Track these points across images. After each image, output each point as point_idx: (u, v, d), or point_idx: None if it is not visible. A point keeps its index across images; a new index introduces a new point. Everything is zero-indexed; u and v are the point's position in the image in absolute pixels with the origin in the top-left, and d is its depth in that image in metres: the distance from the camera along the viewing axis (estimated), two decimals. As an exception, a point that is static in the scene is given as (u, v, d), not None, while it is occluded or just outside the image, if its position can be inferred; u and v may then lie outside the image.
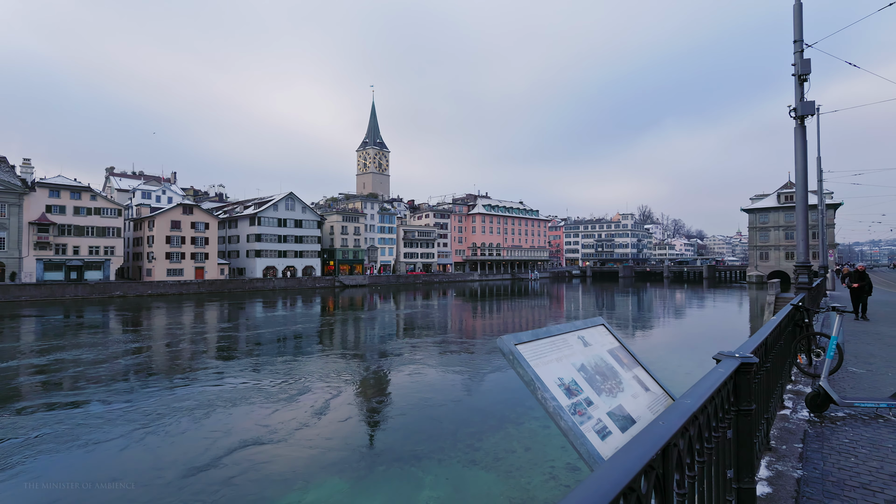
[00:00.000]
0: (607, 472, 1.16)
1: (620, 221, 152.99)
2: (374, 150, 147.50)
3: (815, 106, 9.93)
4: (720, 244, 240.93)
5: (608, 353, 2.62)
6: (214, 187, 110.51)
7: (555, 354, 2.25)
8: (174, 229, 67.35)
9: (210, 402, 15.31)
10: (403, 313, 43.42)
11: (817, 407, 4.75)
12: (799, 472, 3.35)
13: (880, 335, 10.95)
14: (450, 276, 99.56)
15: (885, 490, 3.11)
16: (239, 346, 26.02)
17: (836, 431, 4.30)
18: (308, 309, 47.67)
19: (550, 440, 11.91)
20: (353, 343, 28.21)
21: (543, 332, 2.35)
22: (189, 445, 12.08)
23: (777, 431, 4.21)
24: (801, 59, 10.05)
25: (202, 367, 20.56)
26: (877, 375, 6.77)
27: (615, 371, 2.49)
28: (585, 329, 2.70)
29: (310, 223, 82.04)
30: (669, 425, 1.52)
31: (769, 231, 75.73)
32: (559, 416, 1.89)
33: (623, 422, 2.12)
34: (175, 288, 63.62)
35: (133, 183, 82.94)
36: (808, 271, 10.01)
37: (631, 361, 2.72)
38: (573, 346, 2.44)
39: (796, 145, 10.11)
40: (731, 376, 2.43)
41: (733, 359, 2.56)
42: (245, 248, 77.23)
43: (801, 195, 10.34)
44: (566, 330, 2.52)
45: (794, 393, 5.71)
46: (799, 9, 10.29)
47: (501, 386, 17.27)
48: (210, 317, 41.15)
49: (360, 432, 13.19)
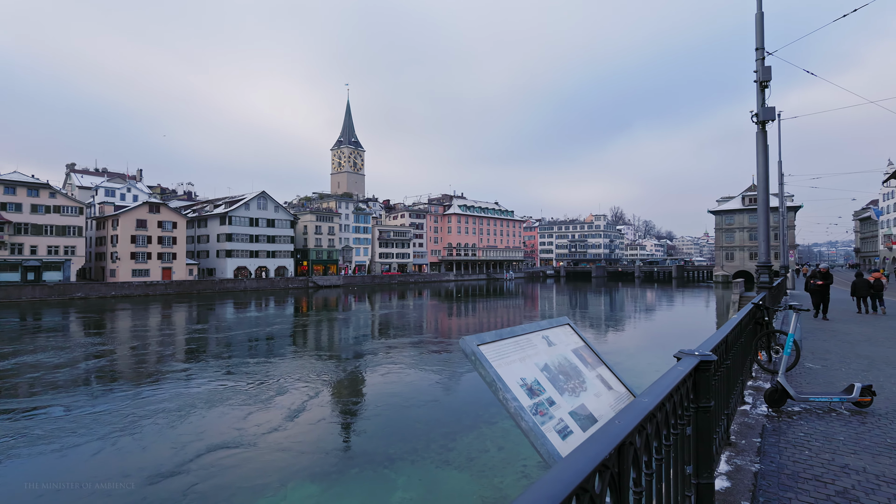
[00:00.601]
0: (560, 472, 1.15)
1: (593, 222, 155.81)
2: (349, 148, 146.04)
3: (775, 112, 10.30)
4: (688, 245, 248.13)
5: (572, 352, 2.64)
6: (183, 185, 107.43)
7: (518, 354, 2.25)
8: (140, 228, 65.09)
9: (177, 407, 14.84)
10: (378, 314, 43.11)
11: (775, 402, 4.92)
12: (756, 466, 3.45)
13: (835, 332, 11.45)
14: (425, 277, 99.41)
15: (835, 482, 3.24)
16: (209, 349, 25.33)
17: (792, 425, 4.46)
18: (281, 310, 46.80)
19: (523, 439, 12.02)
20: (326, 344, 27.84)
21: (507, 332, 2.35)
22: (154, 451, 11.67)
23: (737, 426, 4.34)
24: (763, 66, 10.41)
25: (169, 371, 19.93)
26: (831, 371, 7.07)
27: (579, 370, 2.50)
28: (550, 329, 2.71)
29: (283, 223, 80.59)
30: (625, 424, 1.53)
31: (734, 232, 78.40)
32: (520, 417, 1.88)
33: (585, 421, 2.14)
34: (141, 289, 61.50)
35: (96, 180, 79.75)
36: (769, 271, 10.37)
37: (595, 361, 2.75)
38: (537, 346, 2.44)
39: (758, 149, 10.48)
40: (691, 374, 2.48)
41: (693, 357, 2.61)
42: (215, 248, 75.29)
43: (762, 197, 10.71)
44: (531, 330, 2.53)
45: (755, 389, 5.90)
46: (760, 18, 10.66)
47: (476, 386, 17.33)
48: (178, 318, 39.94)
49: (332, 435, 13.02)
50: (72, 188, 78.18)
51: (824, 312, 14.51)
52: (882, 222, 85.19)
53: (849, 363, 7.60)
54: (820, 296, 14.72)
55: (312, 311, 46.34)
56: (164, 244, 67.17)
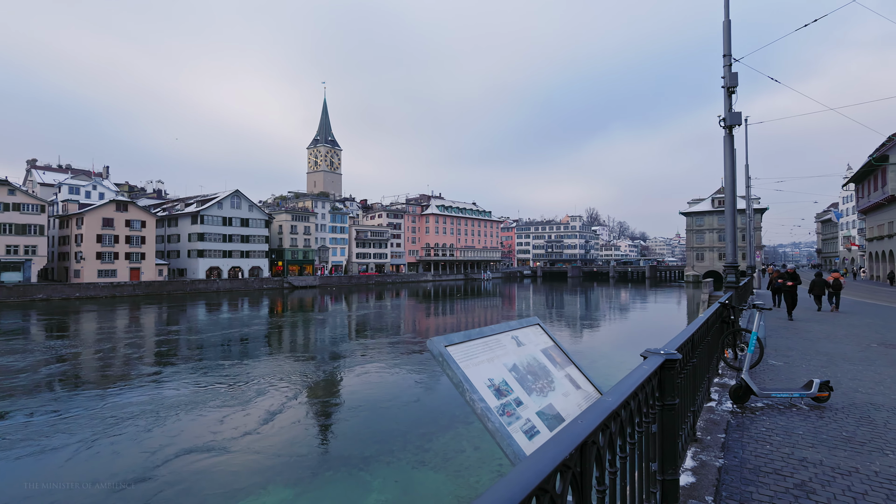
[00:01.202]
0: (519, 473, 1.15)
1: (569, 223, 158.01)
2: (326, 147, 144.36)
3: (742, 117, 10.65)
4: (661, 245, 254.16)
5: (541, 352, 2.66)
6: (153, 183, 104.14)
7: (486, 355, 2.25)
8: (106, 227, 62.85)
9: (148, 411, 14.38)
10: (355, 315, 42.73)
11: (740, 398, 5.07)
12: (720, 461, 3.55)
13: (798, 329, 11.90)
14: (403, 277, 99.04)
15: (794, 475, 3.36)
16: (180, 351, 24.64)
17: (755, 421, 4.60)
18: (255, 311, 45.91)
19: (499, 438, 12.10)
20: (302, 346, 27.44)
21: (477, 332, 2.35)
22: (121, 457, 11.28)
23: (703, 423, 4.45)
24: (730, 72, 10.74)
25: (139, 375, 19.30)
26: (793, 367, 7.33)
27: (547, 370, 2.52)
28: (520, 329, 2.72)
29: (257, 222, 79.06)
30: (588, 423, 1.54)
31: (704, 233, 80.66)
32: (487, 418, 1.88)
33: (552, 421, 2.15)
34: (107, 290, 59.39)
35: (59, 177, 76.61)
36: (736, 271, 10.70)
37: (564, 360, 2.78)
38: (506, 346, 2.45)
39: (725, 153, 10.80)
40: (656, 372, 2.53)
41: (658, 356, 2.66)
42: (187, 248, 73.31)
43: (729, 199, 11.05)
44: (500, 330, 2.53)
45: (721, 386, 6.07)
46: (728, 26, 11.00)
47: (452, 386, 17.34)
48: (147, 320, 38.74)
49: (307, 437, 12.83)
50: (33, 185, 74.95)
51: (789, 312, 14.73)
52: (842, 224, 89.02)
53: (809, 360, 7.90)
54: (790, 296, 14.81)
55: (288, 311, 45.61)
56: (132, 244, 65.03)
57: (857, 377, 6.57)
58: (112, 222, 63.42)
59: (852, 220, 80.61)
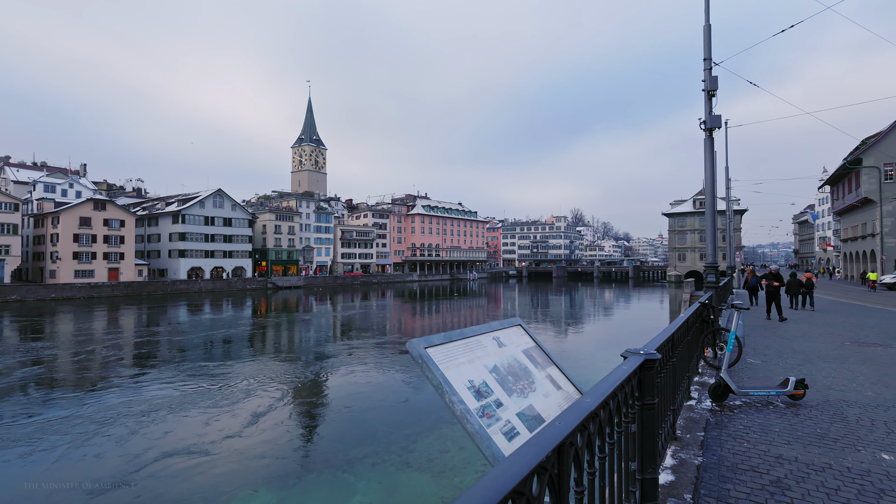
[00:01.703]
0: (495, 476, 1.14)
1: (554, 224, 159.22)
2: (311, 146, 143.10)
3: (721, 119, 10.85)
4: (644, 246, 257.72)
5: (523, 353, 2.66)
6: (132, 182, 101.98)
7: (467, 356, 2.24)
8: (83, 226, 61.35)
9: (127, 414, 14.07)
10: (340, 315, 42.43)
11: (718, 397, 5.15)
12: (699, 460, 3.60)
13: (775, 328, 12.16)
14: (389, 277, 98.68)
15: (770, 472, 3.42)
16: (160, 353, 24.16)
17: (733, 419, 4.68)
18: (238, 312, 45.27)
19: (484, 438, 12.11)
20: (286, 346, 27.13)
21: (457, 333, 2.34)
22: (100, 461, 11.01)
23: (683, 421, 4.51)
24: (710, 75, 10.93)
25: (117, 377, 18.87)
26: (770, 365, 7.49)
27: (528, 371, 2.52)
28: (501, 330, 2.72)
29: (240, 222, 77.96)
30: (566, 424, 1.54)
31: (686, 234, 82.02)
32: (466, 420, 1.87)
33: (532, 422, 2.15)
34: (84, 291, 57.97)
35: (34, 175, 74.55)
36: (716, 271, 10.89)
37: (545, 361, 2.78)
38: (487, 347, 2.45)
39: (706, 155, 10.99)
40: (636, 372, 2.55)
41: (638, 356, 2.68)
42: (167, 248, 71.96)
43: (709, 201, 11.24)
44: (481, 331, 2.52)
45: (700, 384, 6.17)
46: (708, 30, 11.19)
47: (437, 386, 17.31)
48: (126, 322, 37.92)
49: (291, 440, 12.68)
50: (6, 183, 72.83)
51: (779, 312, 14.17)
52: (818, 225, 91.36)
53: (786, 358, 8.08)
54: (774, 297, 14.52)
55: (272, 312, 45.07)
56: (110, 243, 63.57)
57: (832, 375, 6.73)
58: (89, 221, 61.93)
59: (828, 221, 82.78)
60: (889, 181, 40.64)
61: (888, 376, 6.61)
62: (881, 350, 8.82)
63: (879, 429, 4.38)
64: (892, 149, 39.97)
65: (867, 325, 12.69)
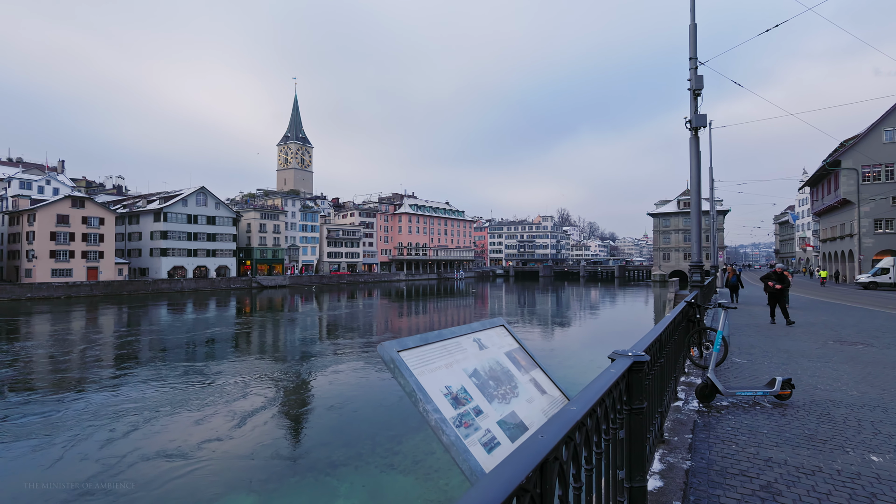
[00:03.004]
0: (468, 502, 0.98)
1: (541, 223, 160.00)
2: (297, 144, 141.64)
3: (707, 119, 10.85)
4: (630, 245, 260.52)
5: (505, 355, 2.51)
6: (112, 179, 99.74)
7: (444, 360, 2.08)
8: (61, 224, 59.79)
9: (105, 416, 13.62)
10: (326, 315, 41.98)
11: (705, 397, 5.07)
12: (688, 464, 3.49)
13: (759, 327, 12.23)
14: (375, 276, 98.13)
15: (760, 476, 3.32)
16: (140, 354, 23.58)
17: (721, 420, 4.60)
18: (221, 311, 44.52)
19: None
20: (271, 347, 26.70)
21: (435, 335, 2.17)
22: (77, 465, 10.62)
23: (670, 423, 4.41)
24: (696, 75, 10.93)
25: (95, 379, 18.33)
26: (755, 364, 7.47)
27: (511, 375, 2.37)
28: (483, 331, 2.56)
29: (224, 220, 76.76)
30: (550, 437, 1.39)
31: (670, 234, 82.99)
32: (441, 430, 1.71)
33: (514, 430, 2.00)
34: (62, 290, 56.51)
35: (8, 171, 72.48)
36: (701, 270, 10.89)
37: (529, 363, 2.64)
38: (467, 349, 2.29)
39: (691, 154, 10.99)
40: (624, 375, 2.41)
41: (626, 358, 2.55)
42: (149, 247, 70.55)
43: (695, 200, 11.25)
44: (460, 333, 2.36)
45: (687, 384, 6.10)
46: (694, 29, 11.19)
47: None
48: (105, 322, 37.01)
49: (273, 442, 12.39)
50: (-20, 179, 70.73)
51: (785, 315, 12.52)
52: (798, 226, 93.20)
53: (771, 357, 8.08)
54: (776, 300, 12.81)
55: (256, 312, 44.42)
56: (89, 242, 62.07)
57: (816, 374, 6.72)
58: (67, 219, 60.39)
59: (807, 221, 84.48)
60: (867, 183, 41.53)
61: (871, 375, 6.62)
62: (863, 349, 8.88)
63: (867, 429, 4.33)
64: (869, 151, 40.86)
65: (847, 324, 12.85)
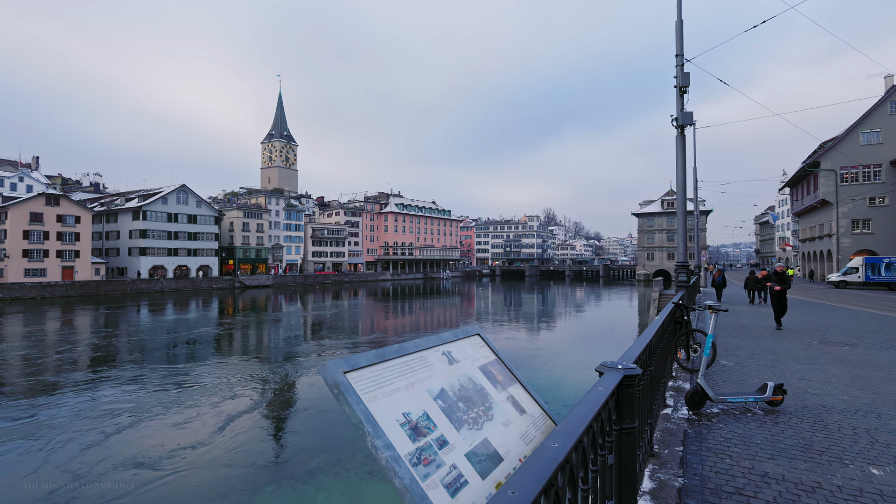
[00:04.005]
0: None
1: (527, 223, 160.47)
2: (281, 142, 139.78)
3: (693, 117, 10.71)
4: (614, 245, 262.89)
5: (479, 370, 2.20)
6: (90, 176, 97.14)
7: (405, 380, 1.75)
8: (35, 223, 57.93)
9: (75, 422, 12.99)
10: (311, 315, 41.31)
11: (695, 404, 4.84)
12: (680, 481, 3.23)
13: (744, 327, 12.14)
14: (361, 276, 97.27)
15: (757, 494, 3.07)
16: (118, 356, 22.79)
17: (712, 430, 4.36)
18: (203, 312, 43.54)
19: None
20: (254, 348, 26.05)
21: (394, 350, 1.85)
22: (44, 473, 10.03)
23: (660, 434, 4.16)
24: (682, 72, 10.78)
25: (66, 383, 17.58)
26: (744, 367, 7.29)
27: (485, 393, 2.06)
28: (454, 342, 2.25)
29: (206, 219, 75.24)
30: (525, 493, 1.08)
31: (655, 234, 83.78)
32: (393, 471, 1.39)
33: (486, 463, 1.69)
34: (35, 291, 54.75)
35: (-20, 167, 70.14)
36: (687, 270, 10.74)
37: (507, 378, 2.33)
38: (434, 365, 1.97)
39: (677, 152, 10.83)
40: (614, 393, 2.13)
41: (616, 371, 2.26)
42: (127, 246, 68.80)
43: (681, 199, 11.10)
44: (426, 346, 2.04)
45: (675, 390, 5.87)
46: (680, 26, 11.03)
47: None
48: (81, 323, 35.85)
49: (250, 448, 11.93)
50: (-51, 176, 68.26)
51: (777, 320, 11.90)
52: (778, 226, 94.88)
53: (758, 359, 7.92)
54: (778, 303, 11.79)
55: (239, 312, 43.53)
56: (64, 240, 60.27)
57: (805, 377, 6.57)
58: (41, 217, 58.54)
59: (787, 222, 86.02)
60: (845, 184, 42.27)
61: (860, 378, 6.48)
62: (848, 350, 8.80)
63: (863, 438, 4.13)
64: (848, 152, 41.60)
65: (830, 324, 12.85)
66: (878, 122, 41.38)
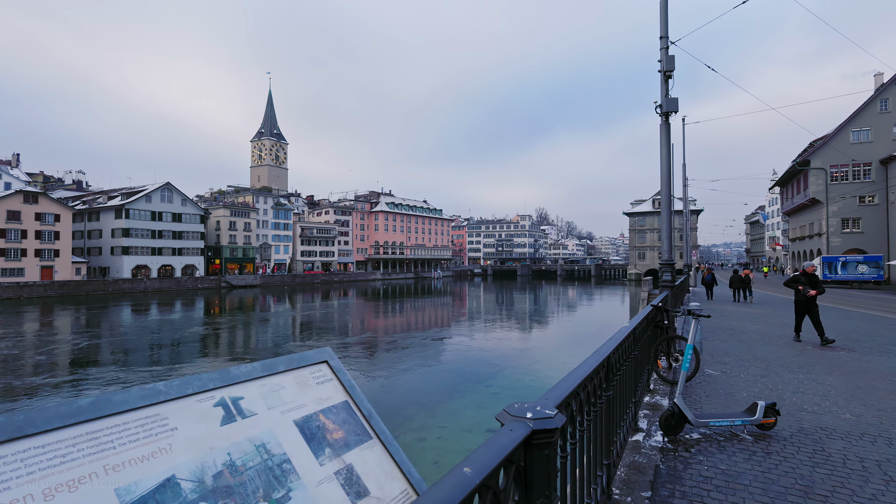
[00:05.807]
0: None
1: (519, 222, 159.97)
2: (271, 141, 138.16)
3: (678, 103, 9.96)
4: (606, 245, 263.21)
5: (296, 425, 1.37)
6: (72, 174, 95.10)
7: (80, 470, 0.92)
8: (12, 221, 56.31)
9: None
10: (300, 315, 40.31)
11: (672, 428, 4.05)
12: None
13: (733, 330, 11.42)
14: (351, 276, 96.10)
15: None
16: (100, 357, 21.76)
17: (689, 464, 3.56)
18: (187, 312, 42.37)
19: (443, 436, 10.84)
20: (241, 349, 25.02)
21: (86, 407, 1.01)
22: None
23: (624, 471, 3.35)
24: (667, 55, 10.03)
25: (40, 385, 16.58)
26: (731, 377, 6.53)
27: (286, 472, 1.24)
28: (266, 377, 1.42)
29: (191, 217, 73.77)
30: None
31: (646, 233, 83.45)
32: None
33: None
34: (12, 291, 53.20)
35: (-42, 164, 68.24)
36: (672, 269, 9.98)
37: (354, 431, 1.50)
38: (179, 429, 1.14)
39: (661, 142, 10.08)
40: (516, 457, 1.32)
41: (522, 424, 1.45)
42: (110, 245, 67.25)
43: (665, 192, 10.36)
44: (189, 391, 1.21)
45: (651, 407, 5.07)
46: (665, 6, 10.28)
47: (410, 388, 15.93)
48: (61, 324, 34.60)
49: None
50: (-75, 173, 66.38)
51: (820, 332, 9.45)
52: (768, 225, 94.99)
53: (748, 367, 7.17)
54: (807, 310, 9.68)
55: (225, 313, 42.42)
56: (43, 239, 58.68)
57: (800, 389, 5.81)
58: (19, 215, 56.94)
59: (777, 221, 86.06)
60: (835, 182, 41.95)
61: (861, 390, 5.74)
62: (845, 356, 8.08)
63: (874, 475, 3.35)
64: (838, 151, 41.27)
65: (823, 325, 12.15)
66: (868, 121, 41.08)
